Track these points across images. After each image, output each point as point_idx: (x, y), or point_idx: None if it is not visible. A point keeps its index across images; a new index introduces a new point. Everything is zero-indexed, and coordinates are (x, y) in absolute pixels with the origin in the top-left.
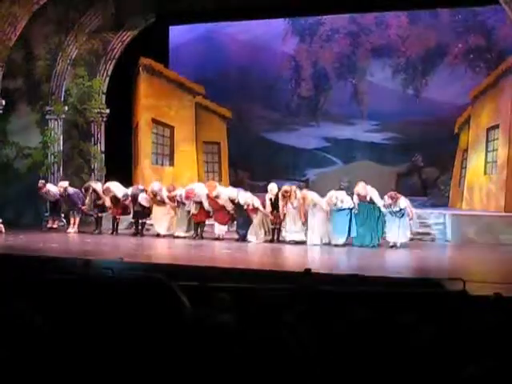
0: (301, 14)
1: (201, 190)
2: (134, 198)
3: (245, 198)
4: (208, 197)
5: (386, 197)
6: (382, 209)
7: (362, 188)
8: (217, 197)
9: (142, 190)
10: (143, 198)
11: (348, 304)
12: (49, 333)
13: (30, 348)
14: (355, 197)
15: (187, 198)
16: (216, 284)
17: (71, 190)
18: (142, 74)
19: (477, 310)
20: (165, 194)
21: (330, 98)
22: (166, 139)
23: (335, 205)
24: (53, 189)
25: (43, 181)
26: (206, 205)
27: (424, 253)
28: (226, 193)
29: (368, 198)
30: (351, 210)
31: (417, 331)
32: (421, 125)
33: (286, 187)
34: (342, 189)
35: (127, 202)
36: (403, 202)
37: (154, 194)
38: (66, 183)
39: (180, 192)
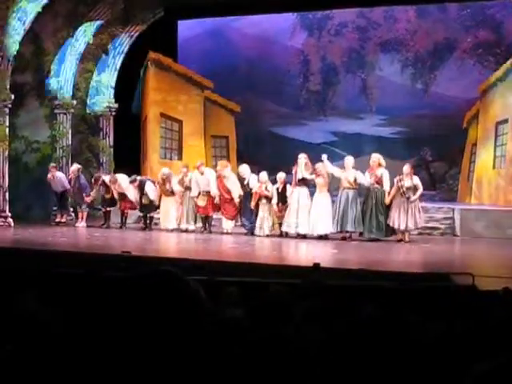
0: (309, 9)
1: (210, 174)
2: (141, 184)
3: (259, 177)
4: (217, 178)
5: (406, 165)
6: (387, 199)
7: (380, 158)
8: (225, 177)
9: (150, 180)
10: (151, 189)
11: (356, 299)
12: (57, 327)
13: (37, 343)
14: (367, 176)
15: (197, 168)
16: (224, 278)
17: (83, 178)
18: (151, 69)
19: (486, 305)
20: (174, 180)
21: (338, 92)
22: (174, 133)
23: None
24: (60, 176)
25: (55, 164)
26: (213, 189)
27: (432, 247)
28: (239, 170)
29: (379, 175)
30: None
31: (426, 327)
32: (429, 119)
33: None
34: None
35: (135, 185)
36: (417, 179)
37: (164, 179)
38: (80, 166)
39: (189, 177)
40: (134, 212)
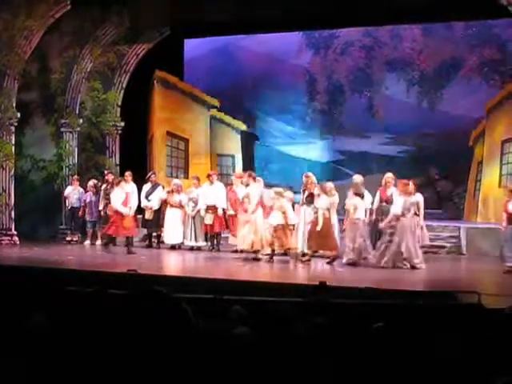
0: (315, 28)
1: (220, 186)
2: (154, 185)
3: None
4: (230, 189)
5: (410, 182)
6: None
7: (391, 178)
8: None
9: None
10: (157, 195)
11: (363, 317)
12: (61, 342)
13: (45, 357)
14: (377, 198)
15: (209, 176)
16: (230, 297)
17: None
18: (157, 87)
19: (492, 323)
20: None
21: (344, 111)
22: (180, 152)
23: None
24: (81, 190)
25: (78, 177)
26: (222, 202)
27: (439, 266)
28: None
29: (389, 194)
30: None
31: (433, 345)
32: (435, 138)
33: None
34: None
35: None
36: (420, 196)
37: (174, 190)
38: (96, 181)
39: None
40: (141, 230)
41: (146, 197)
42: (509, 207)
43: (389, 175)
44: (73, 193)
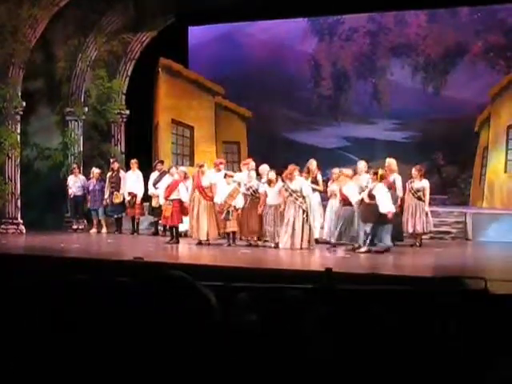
0: (320, 14)
1: (215, 176)
2: (162, 174)
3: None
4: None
5: (414, 168)
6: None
7: (394, 164)
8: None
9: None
10: (163, 185)
11: (369, 303)
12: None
13: (49, 348)
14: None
15: (216, 165)
16: (236, 284)
17: (104, 182)
18: (162, 75)
19: (498, 309)
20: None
21: (350, 97)
22: (185, 139)
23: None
24: (82, 178)
25: (77, 165)
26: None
27: (444, 251)
28: (259, 169)
29: (392, 180)
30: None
31: (438, 330)
32: (441, 123)
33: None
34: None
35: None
36: (426, 182)
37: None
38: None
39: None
40: (145, 218)
41: (154, 185)
42: (343, 190)
43: (387, 161)
44: (74, 181)
